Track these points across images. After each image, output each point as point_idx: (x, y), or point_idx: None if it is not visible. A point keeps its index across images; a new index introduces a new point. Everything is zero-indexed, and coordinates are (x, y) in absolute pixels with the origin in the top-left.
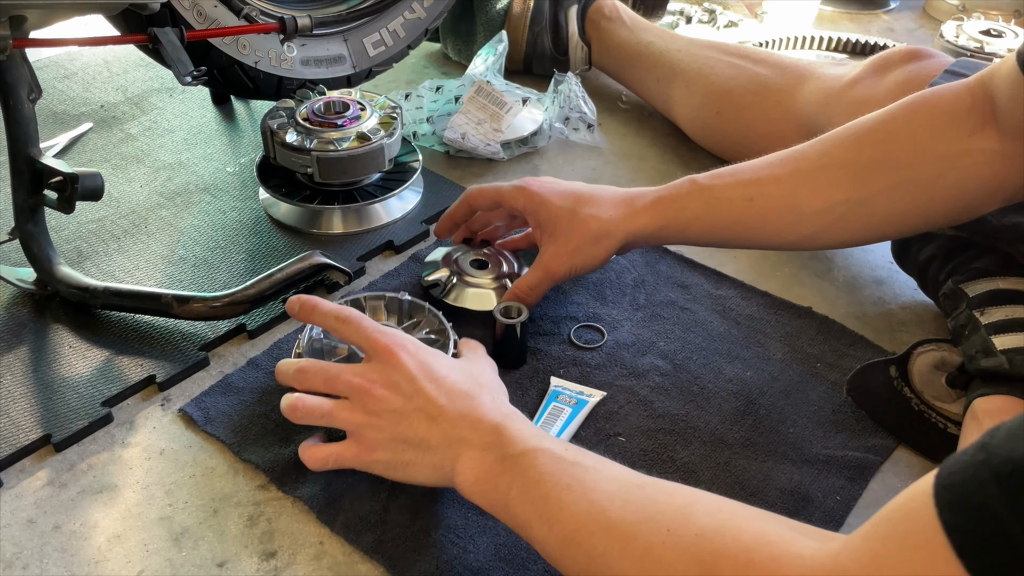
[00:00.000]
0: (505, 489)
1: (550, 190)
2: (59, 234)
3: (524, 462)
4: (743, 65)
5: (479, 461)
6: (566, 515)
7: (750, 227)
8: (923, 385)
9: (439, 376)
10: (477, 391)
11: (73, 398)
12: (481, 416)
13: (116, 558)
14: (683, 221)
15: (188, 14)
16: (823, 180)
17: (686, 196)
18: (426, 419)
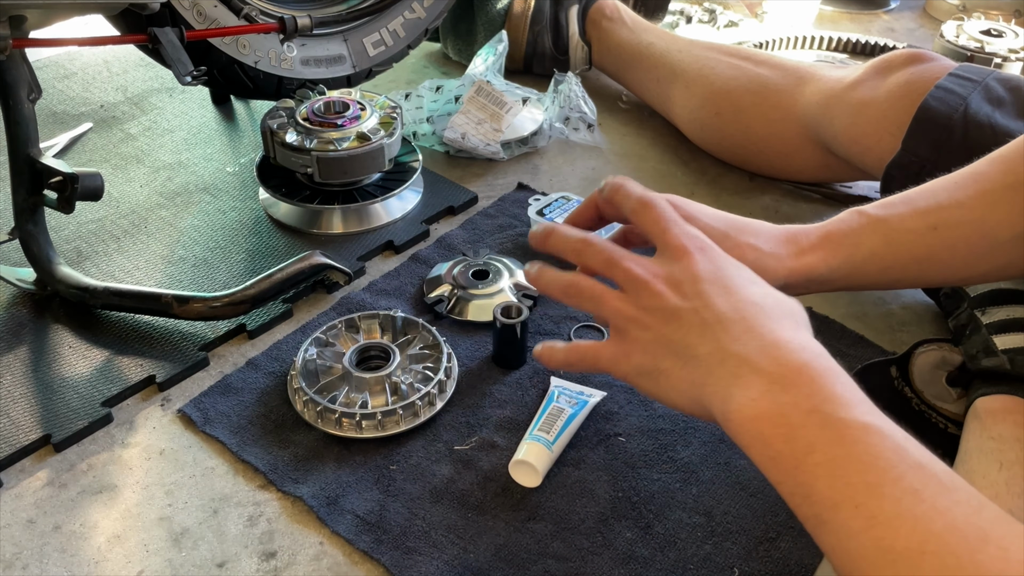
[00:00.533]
0: (804, 448)
1: (700, 210)
2: (59, 234)
3: (848, 432)
4: (743, 66)
5: (769, 397)
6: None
7: (936, 260)
8: (924, 385)
9: (733, 286)
10: (778, 312)
11: (73, 398)
12: (780, 341)
13: (116, 558)
14: (859, 260)
15: (188, 14)
16: (1015, 202)
17: (859, 230)
18: (699, 324)
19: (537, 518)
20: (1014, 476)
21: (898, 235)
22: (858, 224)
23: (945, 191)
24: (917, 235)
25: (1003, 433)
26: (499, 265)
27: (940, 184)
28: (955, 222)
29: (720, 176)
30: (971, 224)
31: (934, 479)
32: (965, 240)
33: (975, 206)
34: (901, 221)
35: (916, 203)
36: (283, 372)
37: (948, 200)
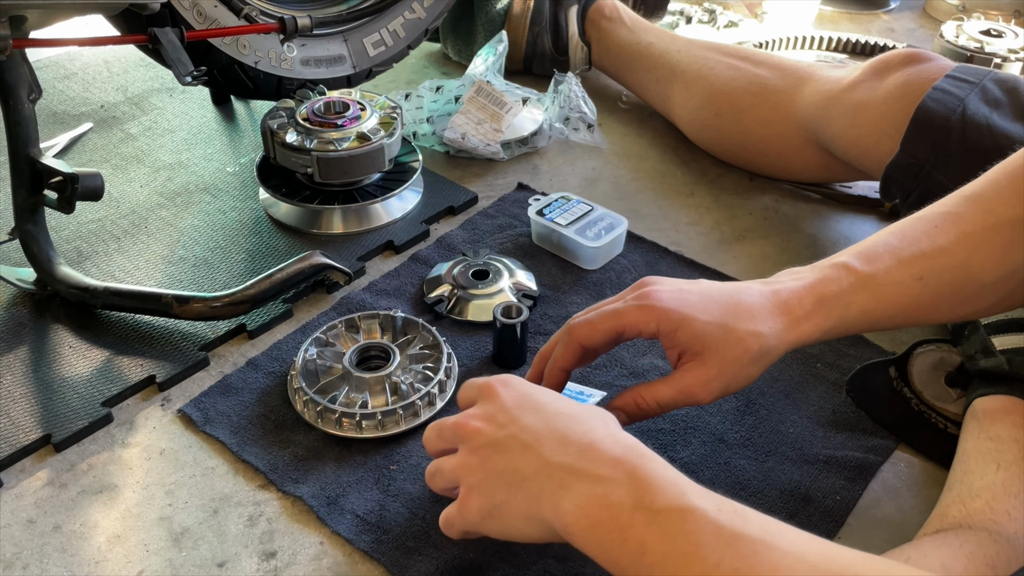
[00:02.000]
0: (637, 549)
1: (686, 303)
2: (59, 234)
3: (669, 523)
4: (743, 66)
5: (596, 500)
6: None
7: (924, 308)
8: (923, 385)
9: (540, 405)
10: (585, 415)
11: (73, 398)
12: (595, 442)
13: (116, 558)
14: (850, 319)
15: (188, 14)
16: (996, 243)
17: (850, 290)
18: (520, 447)
19: None
20: (1011, 476)
21: (886, 290)
22: (848, 284)
23: (927, 237)
24: (905, 287)
25: (1001, 434)
26: (499, 265)
27: (920, 228)
28: (940, 269)
29: (720, 176)
30: (956, 270)
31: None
32: (951, 286)
33: (957, 251)
34: (888, 275)
35: (900, 253)
36: (283, 372)
37: (931, 247)
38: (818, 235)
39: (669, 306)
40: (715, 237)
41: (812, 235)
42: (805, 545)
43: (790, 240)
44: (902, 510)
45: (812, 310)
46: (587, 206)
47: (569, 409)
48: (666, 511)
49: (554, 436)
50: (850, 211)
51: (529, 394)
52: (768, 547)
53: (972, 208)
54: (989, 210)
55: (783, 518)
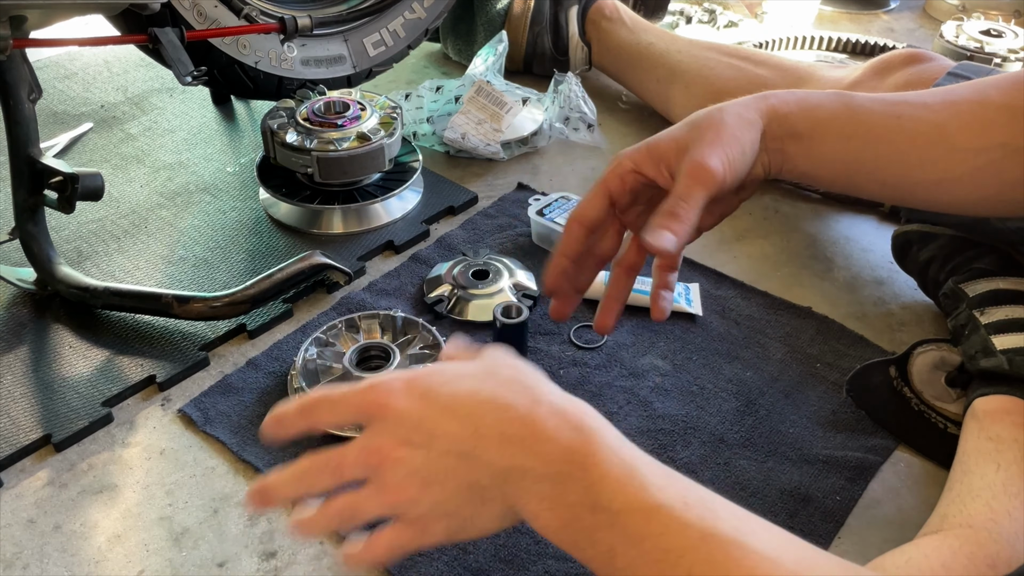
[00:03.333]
0: (607, 551)
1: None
2: (59, 234)
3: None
4: (743, 67)
5: (558, 500)
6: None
7: (896, 147)
8: (923, 385)
9: (448, 398)
10: (509, 393)
11: (73, 398)
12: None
13: (116, 558)
14: (823, 117)
15: (188, 14)
16: (978, 117)
17: (825, 95)
18: (459, 460)
19: None
20: (1011, 477)
21: (861, 109)
22: (825, 93)
23: (913, 94)
24: (881, 116)
25: (1001, 434)
26: (499, 265)
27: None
28: (918, 117)
29: None
30: (933, 124)
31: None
32: (926, 136)
33: (940, 110)
34: (865, 101)
35: (886, 96)
36: (283, 372)
37: (915, 99)
38: (818, 235)
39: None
40: (715, 237)
41: (812, 235)
42: (783, 548)
43: (790, 240)
44: (902, 510)
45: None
46: None
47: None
48: (626, 512)
49: (491, 437)
50: (850, 211)
51: (429, 391)
52: (743, 549)
53: (966, 87)
54: (981, 91)
55: (783, 518)
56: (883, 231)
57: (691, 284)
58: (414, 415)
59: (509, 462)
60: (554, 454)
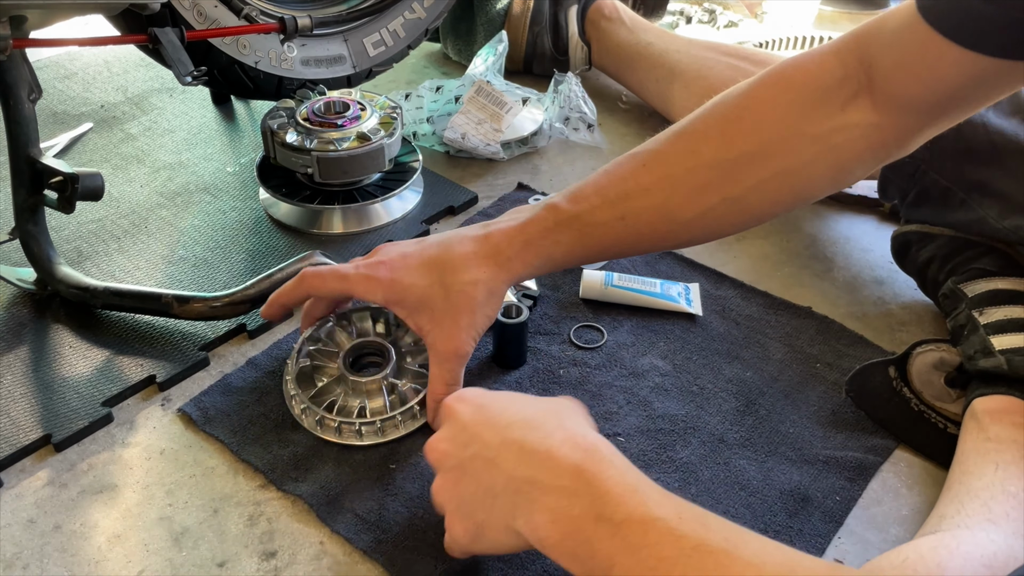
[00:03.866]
0: (606, 561)
1: (404, 268)
2: (59, 234)
3: (632, 536)
4: (742, 67)
5: (562, 513)
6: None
7: (624, 244)
8: (922, 385)
9: (496, 413)
10: (543, 418)
11: (73, 398)
12: (552, 449)
13: (116, 558)
14: (558, 256)
15: (188, 14)
16: (694, 184)
17: (555, 230)
18: (484, 463)
19: None
20: (1010, 477)
21: (590, 229)
22: (554, 223)
23: (633, 177)
24: (607, 227)
25: (1000, 434)
26: None
27: (629, 168)
28: (640, 210)
29: None
30: (655, 210)
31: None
32: (650, 226)
33: (658, 193)
34: (592, 215)
35: (607, 193)
36: (283, 372)
37: (635, 187)
38: (818, 235)
39: (389, 278)
40: None
41: (812, 235)
42: (769, 555)
43: (790, 240)
44: (902, 510)
45: (521, 250)
46: None
47: (525, 413)
48: (627, 523)
49: (512, 448)
50: (850, 211)
51: (485, 405)
52: (730, 557)
53: (678, 147)
54: (693, 151)
55: (783, 518)
56: (883, 231)
57: (691, 284)
58: (464, 420)
59: (523, 473)
60: (564, 469)
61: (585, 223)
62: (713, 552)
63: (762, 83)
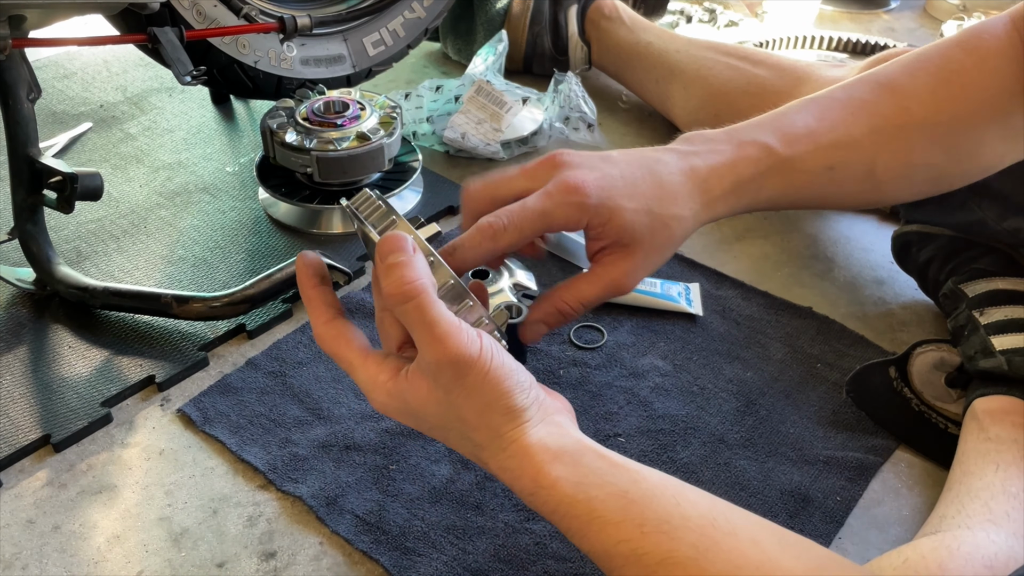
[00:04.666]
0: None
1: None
2: (58, 234)
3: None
4: (741, 67)
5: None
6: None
7: (825, 198)
8: (923, 385)
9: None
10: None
11: (72, 398)
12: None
13: (115, 558)
14: (760, 201)
15: (188, 13)
16: (902, 143)
17: (765, 173)
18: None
19: (536, 518)
20: (1010, 477)
21: (798, 177)
22: (766, 166)
23: (844, 126)
24: (815, 176)
25: (1000, 434)
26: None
27: (837, 114)
28: (849, 162)
29: None
30: (861, 164)
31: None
32: (854, 180)
33: (868, 145)
34: (803, 161)
35: (818, 139)
36: (282, 372)
37: (846, 137)
38: (818, 235)
39: (599, 200)
40: (715, 237)
41: (812, 235)
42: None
43: (790, 240)
44: (902, 510)
45: (729, 191)
46: None
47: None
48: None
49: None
50: (850, 211)
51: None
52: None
53: (888, 102)
54: (903, 108)
55: (783, 518)
56: (883, 231)
57: (691, 284)
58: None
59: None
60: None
61: (796, 169)
62: (679, 564)
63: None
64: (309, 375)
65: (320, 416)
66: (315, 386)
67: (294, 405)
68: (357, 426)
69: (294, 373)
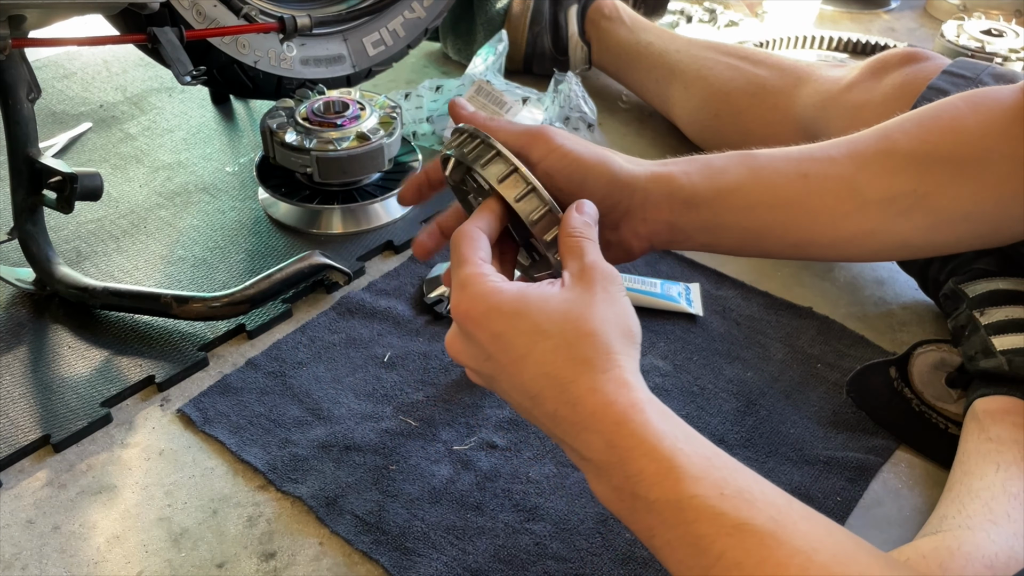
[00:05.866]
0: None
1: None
2: (58, 234)
3: (667, 514)
4: (741, 67)
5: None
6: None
7: (803, 207)
8: (923, 386)
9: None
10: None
11: (72, 398)
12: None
13: (115, 559)
14: (724, 186)
15: (187, 13)
16: (886, 166)
17: (727, 159)
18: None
19: (536, 519)
20: (1011, 477)
21: (767, 172)
22: (727, 156)
23: (819, 147)
24: (786, 178)
25: (1001, 434)
26: None
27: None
28: (825, 174)
29: None
30: (840, 178)
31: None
32: (834, 193)
33: (846, 163)
34: (771, 161)
35: (789, 151)
36: (282, 372)
37: (821, 153)
38: None
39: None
40: None
41: None
42: (819, 540)
43: None
44: (902, 511)
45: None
46: None
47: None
48: (661, 502)
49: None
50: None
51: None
52: (776, 540)
53: (871, 133)
54: (886, 136)
55: None
56: None
57: (691, 284)
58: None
59: (553, 430)
60: (597, 446)
61: (762, 165)
62: (756, 532)
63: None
64: (309, 375)
65: (320, 416)
66: (315, 386)
67: (294, 405)
68: (357, 426)
69: (294, 373)
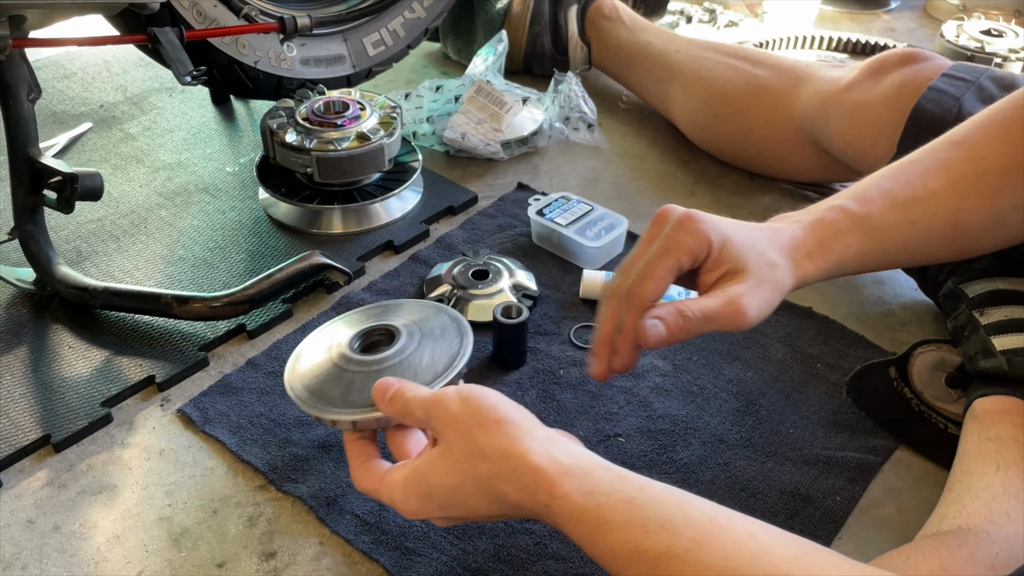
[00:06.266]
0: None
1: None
2: (58, 234)
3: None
4: (741, 67)
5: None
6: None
7: (911, 250)
8: (923, 385)
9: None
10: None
11: (73, 398)
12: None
13: (116, 559)
14: (846, 260)
15: (188, 14)
16: (984, 190)
17: (847, 232)
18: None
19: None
20: (1011, 477)
21: (880, 232)
22: (845, 225)
23: (920, 181)
24: (897, 229)
25: (1001, 434)
26: (499, 265)
27: (912, 172)
28: (931, 213)
29: (720, 176)
30: (945, 215)
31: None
32: (939, 231)
33: (948, 196)
34: (883, 217)
35: (894, 196)
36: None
37: (923, 191)
38: None
39: (712, 225)
40: None
41: None
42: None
43: None
44: (902, 510)
45: (814, 250)
46: (587, 206)
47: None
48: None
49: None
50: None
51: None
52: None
53: (962, 155)
54: (978, 157)
55: (783, 519)
56: None
57: None
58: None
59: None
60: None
61: (875, 225)
62: (679, 556)
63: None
64: None
65: None
66: None
67: (294, 405)
68: None
69: None
